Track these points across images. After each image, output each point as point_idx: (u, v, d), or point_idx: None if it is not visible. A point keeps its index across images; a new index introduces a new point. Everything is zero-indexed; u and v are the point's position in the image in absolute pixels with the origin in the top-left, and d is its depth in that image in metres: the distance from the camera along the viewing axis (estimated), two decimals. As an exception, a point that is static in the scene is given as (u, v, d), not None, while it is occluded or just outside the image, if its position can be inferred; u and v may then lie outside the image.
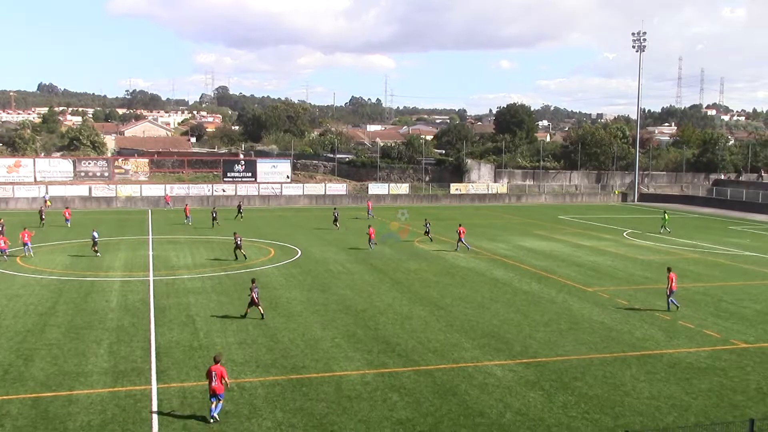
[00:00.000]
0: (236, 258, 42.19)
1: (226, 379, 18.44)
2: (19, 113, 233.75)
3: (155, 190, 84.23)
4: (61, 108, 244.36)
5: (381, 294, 33.07)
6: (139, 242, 49.80)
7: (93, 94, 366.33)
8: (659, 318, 29.03)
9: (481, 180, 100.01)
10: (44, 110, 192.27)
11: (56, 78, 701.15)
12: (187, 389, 19.94)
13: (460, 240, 47.52)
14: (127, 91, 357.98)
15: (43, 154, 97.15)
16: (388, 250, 46.94)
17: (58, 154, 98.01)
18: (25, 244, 43.19)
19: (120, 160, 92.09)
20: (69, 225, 59.24)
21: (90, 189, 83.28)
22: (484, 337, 25.75)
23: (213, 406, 17.95)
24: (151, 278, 36.19)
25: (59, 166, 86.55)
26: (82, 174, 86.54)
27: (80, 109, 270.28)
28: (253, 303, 27.89)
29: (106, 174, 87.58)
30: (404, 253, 45.57)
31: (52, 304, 30.28)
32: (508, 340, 25.40)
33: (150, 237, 52.52)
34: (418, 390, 20.19)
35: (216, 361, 18.52)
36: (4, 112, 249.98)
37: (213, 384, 18.02)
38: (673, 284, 30.25)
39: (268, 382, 20.58)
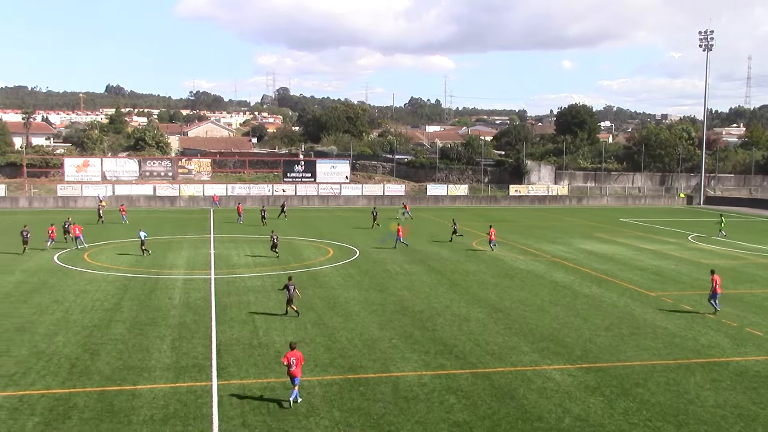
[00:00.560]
0: (278, 256, 42.98)
1: (303, 362, 19.55)
2: (87, 114, 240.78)
3: (217, 189, 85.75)
4: (127, 109, 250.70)
5: (439, 295, 32.98)
6: (201, 241, 50.75)
7: (158, 95, 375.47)
8: (725, 324, 28.21)
9: (541, 181, 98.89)
10: (111, 111, 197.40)
11: (123, 80, 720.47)
12: (247, 386, 20.21)
13: (490, 241, 47.75)
14: (190, 92, 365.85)
15: (110, 154, 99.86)
16: (446, 251, 46.79)
17: (125, 154, 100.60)
18: (77, 238, 45.74)
19: (183, 160, 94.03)
20: (126, 222, 60.98)
21: (154, 188, 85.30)
22: (543, 341, 25.43)
23: (293, 390, 18.91)
24: (212, 276, 36.84)
25: (125, 165, 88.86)
26: (147, 174, 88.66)
27: (146, 110, 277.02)
28: (290, 301, 28.37)
29: (170, 174, 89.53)
30: (462, 255, 45.35)
31: (118, 300, 31.09)
32: (567, 344, 25.03)
33: (211, 236, 53.46)
34: (476, 392, 20.06)
35: (292, 347, 19.49)
36: (73, 113, 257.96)
37: (292, 369, 18.96)
38: (717, 287, 29.65)
39: (326, 381, 20.72)
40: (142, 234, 44.39)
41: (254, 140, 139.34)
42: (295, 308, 28.39)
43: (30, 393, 19.44)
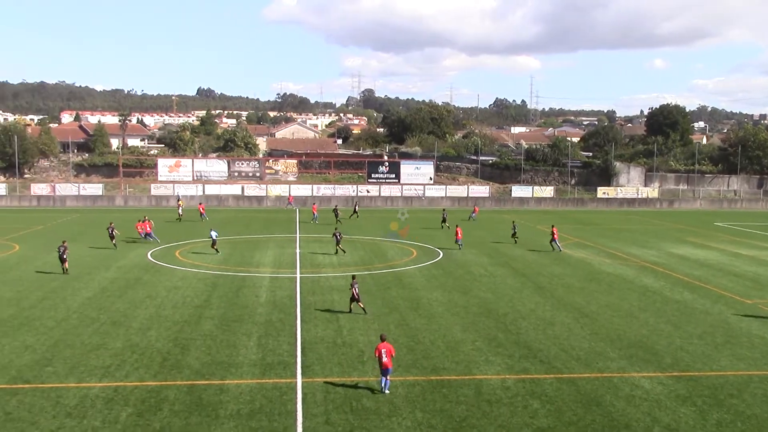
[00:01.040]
0: (344, 252, 44.10)
1: (394, 354, 20.18)
2: (180, 116, 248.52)
3: (303, 190, 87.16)
4: (217, 111, 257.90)
5: (523, 298, 32.54)
6: (287, 240, 51.63)
7: (247, 97, 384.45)
8: (828, 335, 26.78)
9: (631, 184, 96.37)
10: (202, 113, 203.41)
11: (214, 83, 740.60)
12: (331, 384, 20.43)
13: (552, 240, 47.42)
14: (278, 94, 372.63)
15: (200, 155, 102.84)
16: (530, 254, 46.14)
17: (215, 154, 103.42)
18: (148, 234, 49.13)
19: (271, 161, 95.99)
20: (207, 218, 62.99)
21: (242, 188, 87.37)
22: (632, 347, 24.74)
23: (384, 380, 19.72)
24: (297, 275, 37.42)
25: (215, 166, 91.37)
26: (236, 174, 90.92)
27: (235, 112, 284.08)
28: (354, 299, 28.67)
29: (258, 174, 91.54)
30: (548, 258, 44.62)
31: (207, 297, 31.96)
32: (657, 352, 24.27)
33: (297, 235, 54.32)
34: (560, 398, 19.68)
35: (383, 339, 20.26)
36: (166, 115, 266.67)
37: (384, 360, 19.61)
38: None
39: (408, 382, 20.73)
40: (214, 234, 45.48)
41: (339, 141, 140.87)
42: (361, 305, 28.81)
43: (124, 384, 20.20)
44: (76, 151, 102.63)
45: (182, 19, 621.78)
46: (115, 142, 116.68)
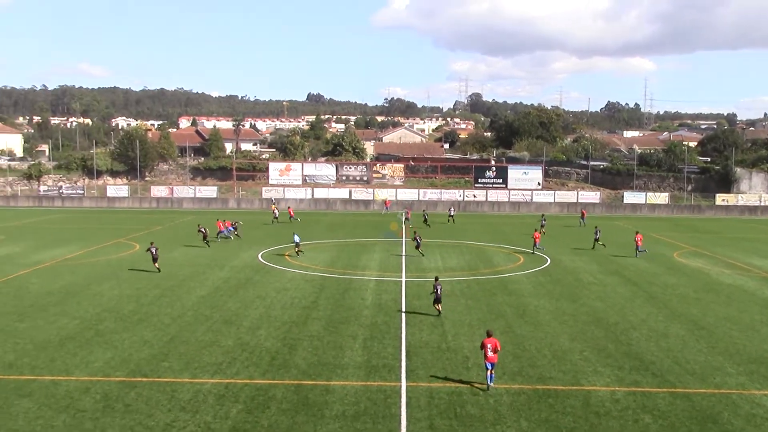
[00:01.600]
0: (423, 255, 45.10)
1: (499, 349, 20.91)
2: (290, 121, 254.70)
3: (409, 194, 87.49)
4: (326, 116, 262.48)
5: (634, 308, 31.45)
6: (393, 244, 51.92)
7: (355, 102, 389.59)
8: None
9: (753, 191, 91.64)
10: (312, 118, 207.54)
11: (323, 88, 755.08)
12: (434, 389, 20.39)
13: (637, 248, 46.71)
14: (385, 99, 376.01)
15: (310, 159, 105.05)
16: (642, 262, 44.58)
17: (323, 159, 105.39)
18: (220, 232, 52.11)
19: (378, 165, 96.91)
20: (298, 220, 65.44)
21: (350, 192, 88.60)
22: (753, 363, 23.46)
23: (489, 374, 20.39)
24: (403, 279, 37.57)
25: (324, 170, 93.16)
26: (344, 178, 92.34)
27: (343, 116, 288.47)
28: (437, 300, 29.15)
29: (365, 178, 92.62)
30: (661, 267, 42.99)
31: (315, 298, 32.56)
32: (780, 369, 22.91)
33: (403, 239, 54.54)
34: (674, 413, 18.89)
35: (489, 335, 21.02)
36: (278, 120, 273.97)
37: (489, 354, 20.35)
38: None
39: (513, 390, 20.42)
40: (297, 238, 46.22)
41: (446, 146, 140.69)
42: (438, 308, 29.20)
43: (234, 382, 20.83)
44: (192, 155, 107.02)
45: (294, 27, 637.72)
46: (229, 147, 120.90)
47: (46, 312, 29.42)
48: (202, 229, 49.82)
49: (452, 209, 73.52)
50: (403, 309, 30.50)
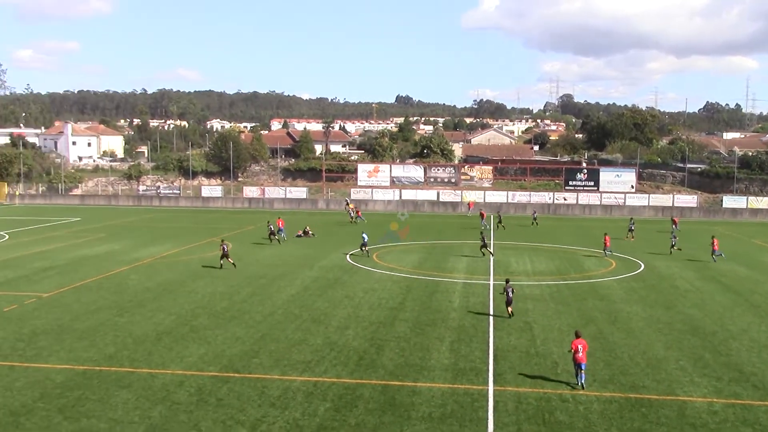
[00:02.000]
0: (483, 255, 45.74)
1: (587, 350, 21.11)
2: (379, 123, 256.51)
3: (498, 196, 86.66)
4: (415, 118, 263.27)
5: (734, 317, 30.17)
6: (480, 246, 51.44)
7: (443, 104, 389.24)
8: None
9: None
10: (401, 120, 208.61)
11: (412, 90, 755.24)
12: (522, 394, 20.10)
13: (713, 252, 45.79)
14: (474, 100, 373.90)
15: (398, 161, 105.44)
16: (743, 269, 42.75)
17: (411, 160, 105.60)
18: (280, 230, 52.77)
19: (466, 167, 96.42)
20: (363, 220, 66.00)
21: (438, 194, 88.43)
22: None
23: (579, 374, 20.63)
24: (491, 282, 37.22)
25: (412, 172, 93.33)
26: (432, 180, 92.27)
27: (432, 118, 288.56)
28: (508, 302, 29.31)
29: (453, 180, 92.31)
30: (764, 275, 41.09)
31: (402, 299, 32.65)
32: None
33: (491, 242, 54.05)
34: (777, 428, 18.01)
35: (578, 336, 21.30)
36: (366, 122, 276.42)
37: (578, 355, 20.55)
38: None
39: (604, 398, 19.91)
40: (365, 236, 47.07)
41: (536, 148, 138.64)
42: (510, 310, 29.15)
43: (323, 380, 21.10)
44: (283, 156, 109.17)
45: (383, 29, 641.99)
46: (318, 148, 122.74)
47: (143, 307, 30.58)
48: (271, 227, 52.00)
49: (535, 212, 72.53)
50: (491, 312, 30.21)
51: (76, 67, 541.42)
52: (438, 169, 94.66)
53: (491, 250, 46.93)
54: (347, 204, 76.41)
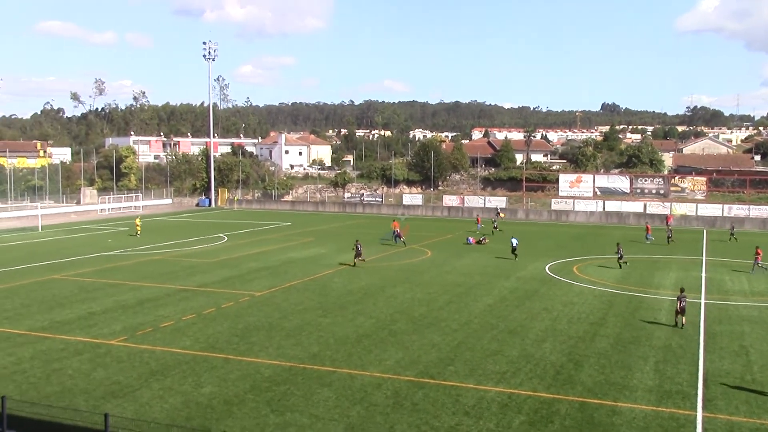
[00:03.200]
0: (626, 263, 45.07)
1: None
2: (582, 132, 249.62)
3: (711, 209, 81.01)
4: (621, 126, 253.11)
5: None
6: (691, 263, 48.42)
7: (653, 111, 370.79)
8: None
9: None
10: (606, 129, 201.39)
11: (618, 97, 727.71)
12: (736, 423, 18.57)
13: (756, 262, 43.97)
14: (687, 107, 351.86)
15: (602, 171, 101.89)
16: None
17: (617, 170, 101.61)
18: (396, 233, 55.44)
19: (676, 177, 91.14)
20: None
21: (644, 206, 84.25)
22: None
23: None
24: (702, 301, 34.83)
25: (617, 182, 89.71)
26: (638, 191, 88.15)
27: (639, 126, 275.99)
28: (679, 312, 28.73)
29: (662, 191, 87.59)
30: None
31: (603, 314, 31.42)
32: None
33: (704, 258, 50.65)
34: None
35: None
36: (569, 131, 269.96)
37: None
38: None
39: (834, 435, 17.92)
40: (514, 241, 48.53)
41: (757, 158, 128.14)
42: (683, 321, 28.10)
43: (518, 392, 20.78)
44: (483, 165, 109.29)
45: (588, 36, 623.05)
46: (519, 158, 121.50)
47: (345, 310, 31.83)
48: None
49: (733, 226, 67.08)
50: (702, 333, 28.25)
51: (291, 81, 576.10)
52: (645, 180, 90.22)
53: (705, 271, 43.96)
54: (498, 213, 77.13)
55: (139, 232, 62.32)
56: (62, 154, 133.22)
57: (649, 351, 25.54)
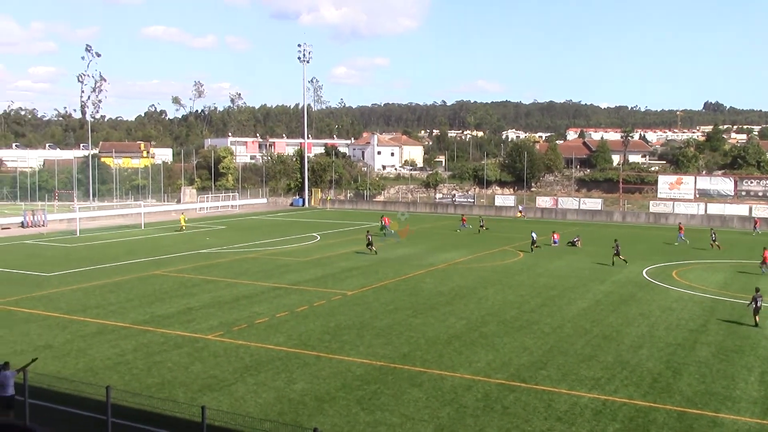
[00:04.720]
0: (613, 264, 45.11)
1: None
2: (683, 132, 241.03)
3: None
4: (725, 126, 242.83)
5: None
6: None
7: (760, 110, 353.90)
8: None
9: None
10: (708, 128, 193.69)
11: (723, 96, 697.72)
12: None
13: (764, 263, 43.34)
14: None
15: (704, 172, 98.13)
16: None
17: (720, 172, 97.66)
18: (384, 227, 59.15)
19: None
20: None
21: (750, 209, 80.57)
22: None
23: None
24: (812, 309, 33.00)
25: (720, 184, 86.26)
26: (743, 193, 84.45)
27: (745, 126, 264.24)
28: (757, 310, 28.41)
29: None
30: None
31: (704, 321, 30.23)
32: None
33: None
34: None
35: None
36: (669, 131, 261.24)
37: None
38: None
39: None
40: (534, 235, 51.87)
41: None
42: (757, 318, 27.28)
43: (612, 399, 20.24)
44: (578, 166, 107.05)
45: (690, 32, 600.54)
46: (615, 158, 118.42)
47: (436, 311, 31.77)
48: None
49: (757, 221, 63.31)
50: (812, 343, 26.78)
51: (384, 82, 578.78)
52: (752, 182, 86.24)
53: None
54: (519, 212, 76.19)
55: (183, 228, 65.70)
56: (164, 155, 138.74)
57: (754, 361, 24.42)
